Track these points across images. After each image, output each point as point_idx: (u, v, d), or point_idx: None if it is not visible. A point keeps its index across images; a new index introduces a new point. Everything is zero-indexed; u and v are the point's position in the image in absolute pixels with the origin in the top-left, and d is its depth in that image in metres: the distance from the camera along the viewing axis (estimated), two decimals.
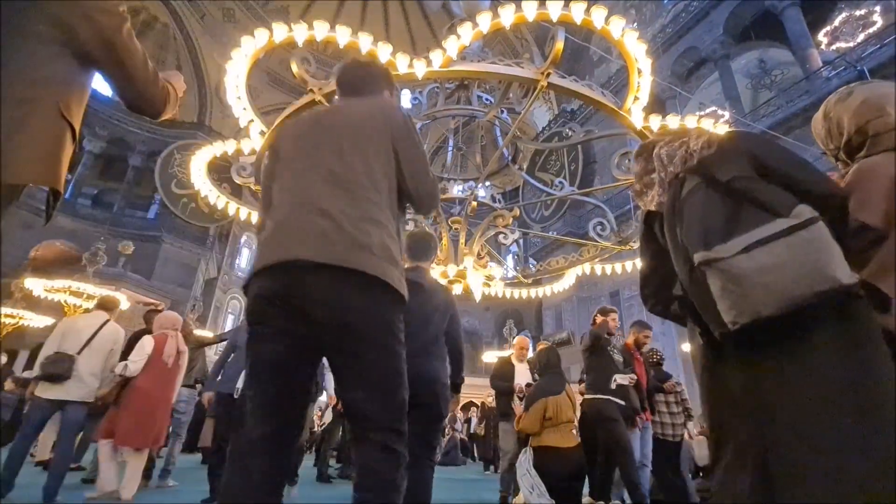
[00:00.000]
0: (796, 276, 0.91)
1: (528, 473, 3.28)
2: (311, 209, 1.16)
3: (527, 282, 6.06)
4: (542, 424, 3.43)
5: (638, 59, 3.15)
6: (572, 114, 18.03)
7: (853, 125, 1.17)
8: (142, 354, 3.52)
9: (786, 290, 0.92)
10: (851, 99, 1.19)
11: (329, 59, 17.75)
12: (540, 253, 17.97)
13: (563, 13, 2.81)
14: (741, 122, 10.82)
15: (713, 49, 13.98)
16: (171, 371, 3.70)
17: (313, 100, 3.25)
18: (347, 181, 1.20)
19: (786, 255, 0.93)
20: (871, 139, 1.14)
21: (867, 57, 10.24)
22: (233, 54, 3.22)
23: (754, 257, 0.95)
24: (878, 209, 1.05)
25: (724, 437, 1.04)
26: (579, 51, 18.20)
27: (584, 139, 5.01)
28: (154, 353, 3.55)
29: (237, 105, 3.56)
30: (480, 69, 3.17)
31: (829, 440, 0.86)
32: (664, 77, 13.92)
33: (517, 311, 22.11)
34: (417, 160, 1.33)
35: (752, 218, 0.99)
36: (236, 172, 4.06)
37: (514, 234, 5.19)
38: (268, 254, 1.17)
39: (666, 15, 16.50)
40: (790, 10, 12.16)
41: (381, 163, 1.26)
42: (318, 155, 1.25)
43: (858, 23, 12.25)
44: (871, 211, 1.05)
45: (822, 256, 0.91)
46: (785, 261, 0.93)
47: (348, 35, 3.02)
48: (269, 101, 21.07)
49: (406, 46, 23.23)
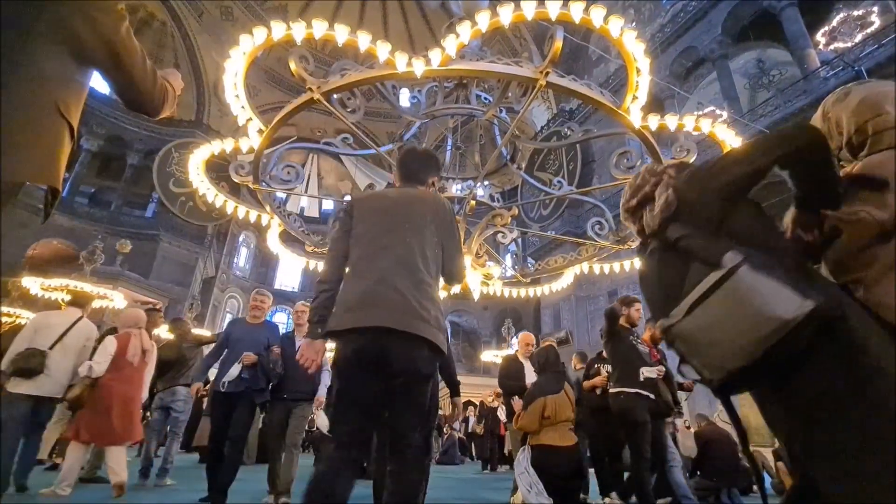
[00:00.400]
0: (739, 328, 0.91)
1: (527, 472, 3.29)
2: (388, 287, 1.61)
3: (525, 281, 6.05)
4: (540, 423, 3.44)
5: (636, 59, 3.15)
6: (571, 113, 18.04)
7: (853, 125, 1.17)
8: (105, 355, 3.59)
9: (735, 343, 0.91)
10: (849, 99, 1.19)
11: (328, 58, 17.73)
12: (538, 252, 17.99)
13: (561, 12, 2.81)
14: (739, 123, 10.84)
15: (711, 49, 14.00)
16: (137, 369, 3.76)
17: (311, 98, 3.24)
18: (410, 265, 1.66)
19: (720, 309, 0.93)
20: (872, 138, 1.14)
21: (865, 57, 10.27)
22: (231, 52, 3.20)
23: (696, 318, 0.96)
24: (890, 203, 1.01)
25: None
26: (578, 50, 18.20)
27: (582, 138, 5.00)
28: (118, 352, 3.62)
29: (235, 103, 3.55)
30: (479, 68, 3.16)
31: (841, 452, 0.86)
32: (662, 77, 13.94)
33: (515, 310, 22.13)
34: (455, 250, 1.84)
35: (696, 275, 0.99)
36: (234, 171, 4.05)
37: (512, 233, 5.18)
38: (361, 318, 1.58)
39: (664, 15, 16.52)
40: (788, 10, 12.18)
41: (431, 250, 1.73)
42: (390, 238, 1.71)
43: (856, 23, 12.28)
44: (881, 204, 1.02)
45: (754, 301, 0.89)
46: (722, 315, 0.93)
47: (347, 33, 3.02)
48: (267, 99, 21.05)
49: (405, 45, 23.19)
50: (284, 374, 3.59)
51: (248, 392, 3.50)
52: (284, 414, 3.62)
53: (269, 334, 3.80)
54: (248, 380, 3.50)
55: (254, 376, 3.52)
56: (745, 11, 13.46)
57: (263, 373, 3.56)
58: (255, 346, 3.57)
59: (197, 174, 4.60)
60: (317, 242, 5.04)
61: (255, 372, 3.53)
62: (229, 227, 24.26)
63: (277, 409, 3.68)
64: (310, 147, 5.61)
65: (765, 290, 0.89)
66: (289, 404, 3.63)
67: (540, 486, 3.17)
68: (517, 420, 3.74)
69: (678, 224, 1.12)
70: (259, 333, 3.73)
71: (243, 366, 3.50)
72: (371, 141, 4.85)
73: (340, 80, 3.16)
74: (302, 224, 5.46)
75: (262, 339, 3.66)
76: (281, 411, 3.64)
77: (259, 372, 3.54)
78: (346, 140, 4.31)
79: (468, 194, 4.79)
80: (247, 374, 3.50)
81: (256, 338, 3.65)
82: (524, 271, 6.04)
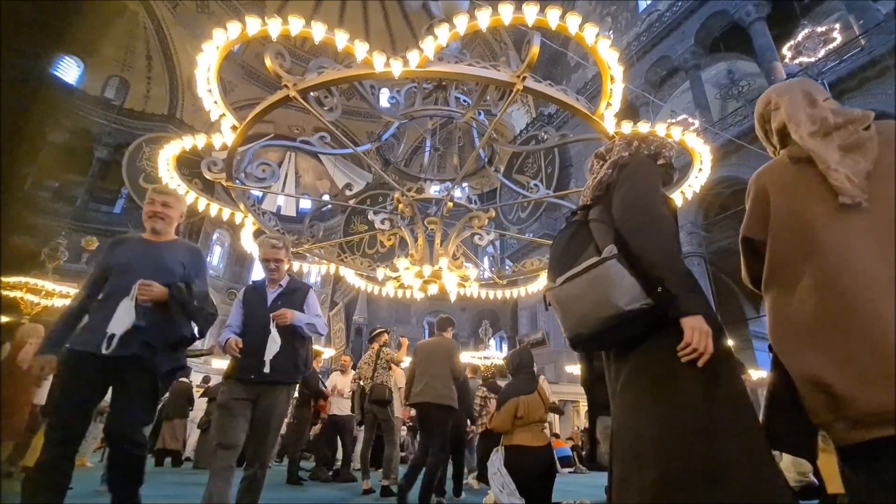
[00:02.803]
0: (590, 305, 1.15)
1: (499, 472, 3.31)
2: (433, 385, 3.86)
3: (502, 283, 6.11)
4: (513, 423, 3.47)
5: (610, 66, 3.22)
6: (549, 117, 18.30)
7: (758, 122, 1.31)
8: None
9: (586, 316, 1.16)
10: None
11: (307, 56, 17.48)
12: (517, 254, 18.14)
13: (538, 18, 2.85)
14: (710, 131, 11.20)
15: (685, 59, 14.43)
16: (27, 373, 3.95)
17: (287, 96, 3.20)
18: (441, 376, 3.90)
19: (583, 287, 1.17)
20: (778, 135, 1.24)
21: (828, 71, 10.75)
22: (203, 46, 3.13)
23: (567, 288, 1.20)
24: (754, 219, 1.20)
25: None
26: (557, 55, 18.48)
27: (558, 143, 5.08)
28: (9, 357, 3.91)
29: (208, 98, 3.47)
30: (457, 70, 3.18)
31: (636, 411, 1.12)
32: (638, 84, 14.28)
33: (493, 311, 22.26)
34: (460, 371, 4.10)
35: (587, 255, 1.22)
36: (207, 167, 3.96)
37: (489, 235, 5.22)
38: (422, 395, 3.86)
39: (640, 24, 16.93)
40: (757, 24, 12.65)
41: (447, 371, 3.94)
42: (430, 363, 3.97)
43: (820, 38, 12.84)
44: (751, 224, 1.21)
45: (607, 289, 1.12)
46: (582, 292, 1.17)
47: (324, 31, 2.99)
48: (244, 95, 20.62)
49: (386, 45, 23.05)
50: (248, 341, 2.41)
51: (145, 357, 1.95)
52: (248, 401, 2.40)
53: (186, 258, 2.21)
54: (148, 331, 1.95)
55: (159, 325, 1.98)
56: (716, 24, 13.92)
57: (181, 317, 2.04)
58: (158, 275, 2.05)
59: (167, 170, 4.47)
60: (292, 242, 4.96)
61: (161, 317, 1.99)
62: (202, 225, 23.65)
63: (236, 391, 2.40)
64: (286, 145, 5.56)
65: (619, 282, 1.11)
66: (257, 390, 2.40)
67: (512, 486, 3.20)
68: (490, 420, 3.78)
69: (600, 207, 1.32)
70: (165, 255, 2.16)
71: (139, 306, 1.94)
72: (350, 140, 4.81)
73: (317, 78, 3.13)
74: (277, 223, 5.38)
75: (170, 265, 2.13)
76: (243, 396, 2.39)
77: (174, 316, 2.02)
78: (324, 139, 4.26)
79: (446, 195, 4.80)
80: (146, 320, 1.94)
81: (160, 262, 2.12)
82: (501, 273, 6.09)
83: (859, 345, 0.94)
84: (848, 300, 0.97)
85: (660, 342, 1.11)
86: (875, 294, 0.95)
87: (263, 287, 2.65)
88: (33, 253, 14.18)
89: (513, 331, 21.80)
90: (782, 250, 1.11)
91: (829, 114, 1.12)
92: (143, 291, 1.96)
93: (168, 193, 2.34)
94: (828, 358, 0.98)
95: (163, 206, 2.24)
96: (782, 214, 1.12)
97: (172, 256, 2.16)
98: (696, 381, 1.05)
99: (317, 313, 2.68)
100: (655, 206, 1.22)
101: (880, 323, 0.93)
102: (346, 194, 6.27)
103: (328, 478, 6.20)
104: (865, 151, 1.04)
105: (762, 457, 1.01)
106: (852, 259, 0.99)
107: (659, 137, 1.48)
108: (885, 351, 0.91)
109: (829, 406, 0.97)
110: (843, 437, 0.98)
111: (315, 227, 5.61)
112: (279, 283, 2.65)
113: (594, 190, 1.37)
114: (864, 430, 0.94)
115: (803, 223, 1.08)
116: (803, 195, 1.10)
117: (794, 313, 1.06)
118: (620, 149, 1.40)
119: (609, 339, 1.19)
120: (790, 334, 1.07)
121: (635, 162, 1.33)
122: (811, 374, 1.00)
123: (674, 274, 1.11)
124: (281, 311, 2.43)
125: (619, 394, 1.19)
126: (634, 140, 1.43)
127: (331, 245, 6.35)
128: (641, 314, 1.09)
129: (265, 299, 2.58)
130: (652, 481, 1.02)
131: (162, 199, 2.27)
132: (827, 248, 1.02)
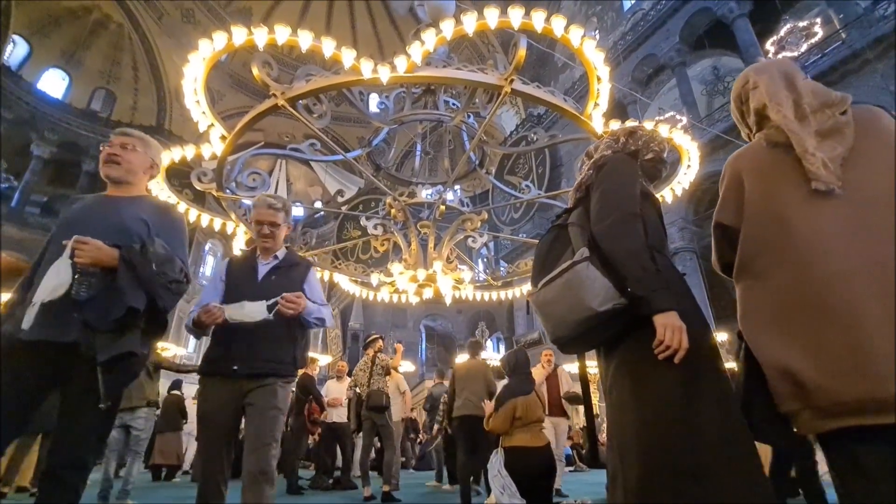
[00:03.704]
0: (566, 308, 1.17)
1: (500, 474, 3.31)
2: (471, 399, 4.35)
3: (497, 284, 6.12)
4: (512, 424, 3.47)
5: (597, 67, 3.25)
6: (539, 118, 18.37)
7: (735, 102, 1.28)
8: None
9: (564, 319, 1.19)
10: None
11: (295, 63, 17.43)
12: (511, 255, 18.18)
13: (524, 21, 2.87)
14: (697, 128, 11.31)
15: (670, 56, 14.56)
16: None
17: (276, 104, 3.19)
18: (477, 392, 4.38)
19: (559, 291, 1.19)
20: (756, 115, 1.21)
21: (810, 65, 10.90)
22: (190, 57, 3.12)
23: (545, 292, 1.23)
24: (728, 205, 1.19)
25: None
26: (545, 57, 18.58)
27: (547, 143, 5.11)
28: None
29: (195, 109, 3.46)
30: (445, 75, 3.20)
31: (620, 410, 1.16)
32: (625, 83, 14.39)
33: (489, 312, 22.28)
34: (494, 386, 4.43)
35: (565, 259, 1.23)
36: (196, 178, 3.94)
37: (482, 237, 5.24)
38: (463, 409, 4.38)
39: (626, 23, 17.08)
40: (740, 20, 12.81)
41: (483, 387, 4.44)
42: (468, 382, 4.49)
43: (802, 33, 13.03)
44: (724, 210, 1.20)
45: (579, 292, 1.14)
46: (558, 295, 1.19)
47: (310, 39, 2.99)
48: (232, 104, 20.52)
49: (373, 50, 23.02)
50: (231, 325, 1.84)
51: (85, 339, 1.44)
52: (233, 405, 1.86)
53: (152, 216, 1.71)
54: (87, 307, 1.44)
55: (102, 299, 1.45)
56: (700, 21, 14.08)
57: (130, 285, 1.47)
58: (109, 233, 1.53)
59: (157, 181, 4.44)
60: None
61: (110, 291, 1.46)
62: (194, 235, 23.47)
63: (216, 393, 1.88)
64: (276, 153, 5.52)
65: (591, 284, 1.12)
66: (244, 386, 1.86)
67: (513, 487, 3.20)
68: (488, 422, 3.78)
69: (580, 209, 1.33)
70: (123, 211, 1.67)
71: (77, 269, 1.44)
72: (340, 146, 4.81)
73: (305, 86, 3.13)
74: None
75: (128, 223, 1.63)
76: (225, 399, 1.86)
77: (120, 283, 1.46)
78: (314, 146, 4.26)
79: (438, 199, 4.81)
80: (84, 287, 1.43)
81: (114, 218, 1.63)
82: (496, 274, 6.10)
83: (829, 335, 0.94)
84: (819, 290, 0.97)
85: (639, 341, 1.12)
86: (846, 284, 0.94)
87: (254, 258, 2.12)
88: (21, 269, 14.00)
89: (509, 331, 21.82)
90: (755, 238, 1.09)
91: (808, 95, 1.10)
92: (80, 249, 1.41)
93: (130, 135, 1.80)
94: (797, 347, 0.97)
95: (121, 149, 1.72)
96: (756, 201, 1.10)
97: (132, 213, 1.64)
98: (676, 380, 1.06)
99: (320, 297, 2.17)
100: (626, 205, 1.22)
101: (850, 313, 0.92)
102: (339, 200, 6.26)
103: (329, 486, 6.16)
104: (842, 137, 1.03)
105: (743, 456, 1.01)
106: (825, 248, 0.98)
107: (647, 131, 1.46)
108: (855, 341, 0.91)
109: (797, 395, 0.98)
110: (809, 425, 0.98)
111: (308, 235, 5.60)
112: (274, 255, 2.14)
113: (575, 192, 1.38)
114: (829, 420, 0.94)
115: (777, 210, 1.06)
116: (778, 181, 1.08)
117: (765, 302, 1.06)
118: (605, 147, 1.40)
119: (590, 340, 1.22)
120: (760, 323, 1.06)
121: (611, 162, 1.33)
122: (780, 363, 1.00)
123: (643, 272, 1.11)
124: (293, 295, 1.87)
125: (608, 392, 1.22)
126: (621, 136, 1.42)
127: (324, 252, 6.33)
128: (616, 314, 1.11)
129: (255, 272, 2.05)
130: (636, 479, 1.05)
131: (121, 140, 1.74)
132: (799, 236, 1.02)
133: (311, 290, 2.08)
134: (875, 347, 0.89)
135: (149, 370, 4.56)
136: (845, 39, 10.54)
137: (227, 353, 1.90)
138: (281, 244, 2.18)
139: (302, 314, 1.92)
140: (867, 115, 1.07)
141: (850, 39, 10.36)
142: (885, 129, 1.04)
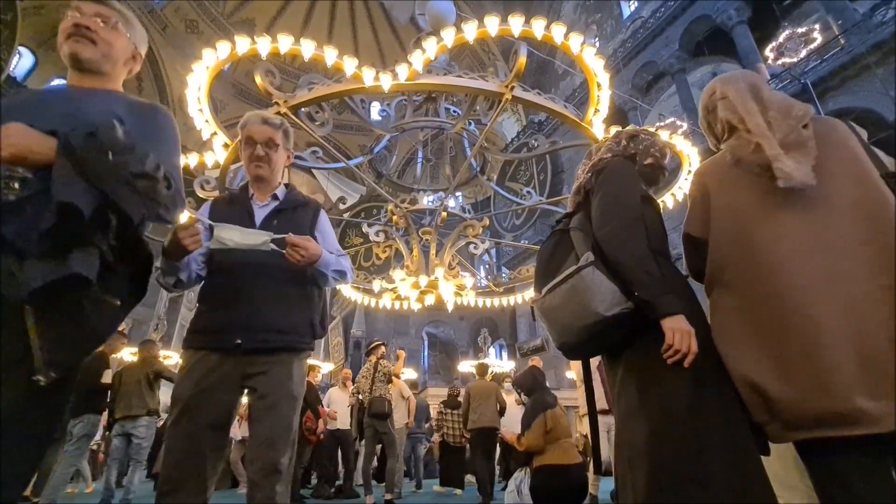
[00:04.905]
0: (572, 314, 1.15)
1: (516, 492, 3.23)
2: (485, 413, 5.21)
3: (499, 290, 6.11)
4: (544, 439, 3.34)
5: (597, 73, 3.28)
6: (539, 125, 18.45)
7: (702, 112, 1.30)
8: None
9: (570, 324, 1.17)
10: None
11: (297, 71, 17.58)
12: (513, 261, 18.16)
13: (524, 29, 2.90)
14: (697, 133, 11.32)
15: (670, 63, 14.64)
16: None
17: (278, 112, 3.22)
18: (490, 407, 5.26)
19: (564, 297, 1.17)
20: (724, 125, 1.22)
21: (810, 71, 10.95)
22: (194, 67, 3.16)
23: (550, 299, 1.21)
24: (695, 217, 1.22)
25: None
26: (545, 64, 18.70)
27: (548, 150, 5.13)
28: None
29: (199, 117, 3.49)
30: (446, 82, 3.22)
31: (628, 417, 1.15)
32: (625, 90, 14.47)
33: (491, 319, 22.20)
34: (504, 404, 5.52)
35: (568, 264, 1.22)
36: (199, 186, 3.96)
37: (484, 243, 5.24)
38: (479, 422, 5.17)
39: (625, 31, 17.20)
40: (739, 27, 12.89)
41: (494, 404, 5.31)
42: (482, 399, 5.28)
43: (801, 39, 13.09)
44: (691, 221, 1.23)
45: (585, 296, 1.12)
46: (563, 301, 1.17)
47: (313, 48, 3.02)
48: (235, 112, 20.66)
49: (375, 58, 23.20)
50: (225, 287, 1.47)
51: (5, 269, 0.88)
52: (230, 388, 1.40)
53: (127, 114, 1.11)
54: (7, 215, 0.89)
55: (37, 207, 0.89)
56: (699, 28, 14.16)
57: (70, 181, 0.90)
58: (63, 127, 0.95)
59: None
60: None
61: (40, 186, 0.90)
62: None
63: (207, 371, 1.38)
64: None
65: (598, 288, 1.11)
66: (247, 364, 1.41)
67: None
68: (519, 441, 3.56)
69: (581, 214, 1.32)
70: (87, 102, 1.11)
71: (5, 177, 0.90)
72: (342, 153, 4.83)
73: (307, 94, 3.16)
74: None
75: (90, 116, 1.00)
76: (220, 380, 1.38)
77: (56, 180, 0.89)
78: (316, 153, 4.28)
79: (439, 206, 4.83)
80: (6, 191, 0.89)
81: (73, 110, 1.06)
82: (497, 281, 6.10)
83: (790, 349, 0.96)
84: (781, 304, 0.98)
85: (646, 346, 1.11)
86: (806, 299, 0.95)
87: (247, 198, 1.58)
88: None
89: (512, 338, 21.74)
90: (721, 250, 1.11)
91: (773, 107, 1.11)
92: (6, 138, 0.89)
93: (112, 6, 1.21)
94: (762, 361, 0.99)
95: (99, 22, 1.16)
96: (721, 214, 1.12)
97: (99, 105, 1.10)
98: (681, 387, 1.06)
99: (335, 245, 1.66)
100: (628, 210, 1.21)
101: (810, 328, 0.94)
102: (340, 207, 6.28)
103: (331, 495, 6.11)
104: (806, 151, 1.04)
105: (748, 463, 1.02)
106: (787, 262, 1.00)
107: (649, 134, 1.46)
108: (815, 355, 0.92)
109: (765, 408, 1.00)
110: (778, 436, 1.01)
111: None
112: (273, 194, 1.60)
113: (574, 196, 1.37)
114: (796, 432, 0.96)
115: (741, 224, 1.08)
116: (742, 195, 1.10)
117: (732, 315, 1.08)
118: (605, 150, 1.40)
119: (596, 345, 1.21)
120: (729, 335, 1.08)
121: (611, 166, 1.32)
122: (747, 377, 1.02)
123: (648, 276, 1.10)
124: (302, 238, 1.40)
125: (616, 399, 1.21)
126: (623, 138, 1.42)
127: None
128: (623, 318, 1.10)
129: (250, 216, 1.53)
130: (643, 484, 1.05)
131: (95, 8, 1.17)
132: (763, 250, 1.03)
133: (323, 237, 1.60)
134: (834, 362, 0.90)
135: (149, 379, 4.55)
136: (844, 45, 10.59)
137: (226, 321, 1.40)
138: (278, 178, 1.63)
139: (317, 265, 1.45)
140: (824, 128, 1.09)
141: (849, 45, 10.40)
142: (841, 141, 1.07)
